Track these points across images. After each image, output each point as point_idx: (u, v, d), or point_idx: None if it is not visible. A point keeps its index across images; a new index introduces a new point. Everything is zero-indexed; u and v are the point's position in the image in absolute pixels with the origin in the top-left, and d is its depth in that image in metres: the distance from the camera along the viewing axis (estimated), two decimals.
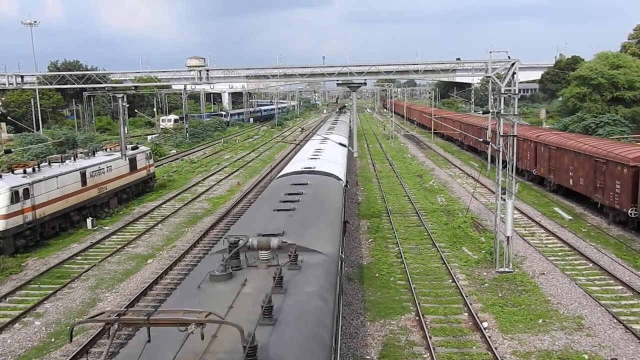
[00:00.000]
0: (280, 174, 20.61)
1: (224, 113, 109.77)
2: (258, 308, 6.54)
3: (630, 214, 23.86)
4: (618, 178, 25.00)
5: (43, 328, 16.54)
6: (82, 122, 79.94)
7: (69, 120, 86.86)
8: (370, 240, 24.88)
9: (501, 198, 20.47)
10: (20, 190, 23.83)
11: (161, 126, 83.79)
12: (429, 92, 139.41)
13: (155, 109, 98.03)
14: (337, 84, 33.17)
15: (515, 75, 19.63)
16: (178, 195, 36.80)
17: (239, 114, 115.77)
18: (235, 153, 61.23)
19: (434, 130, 71.37)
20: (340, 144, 30.68)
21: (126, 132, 42.35)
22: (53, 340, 15.77)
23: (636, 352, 14.01)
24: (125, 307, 17.40)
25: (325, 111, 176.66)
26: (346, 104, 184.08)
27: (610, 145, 27.79)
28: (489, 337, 14.89)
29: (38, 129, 68.82)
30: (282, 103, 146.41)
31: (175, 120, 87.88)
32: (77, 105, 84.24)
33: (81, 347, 14.84)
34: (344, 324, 15.80)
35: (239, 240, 8.46)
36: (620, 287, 18.44)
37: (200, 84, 26.05)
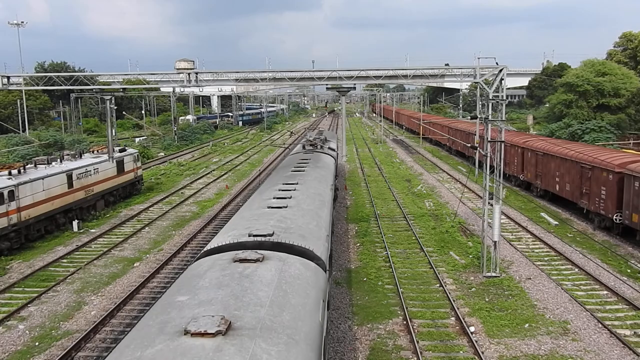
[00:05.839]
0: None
1: (230, 114, 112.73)
2: None
3: (615, 219, 24.14)
4: (603, 184, 25.28)
5: (27, 332, 16.32)
6: (69, 124, 79.28)
7: (55, 122, 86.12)
8: (358, 244, 24.90)
9: (488, 203, 20.60)
10: (5, 192, 23.56)
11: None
12: (418, 97, 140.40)
13: (143, 112, 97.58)
14: (327, 88, 33.22)
15: (502, 81, 19.79)
16: (166, 198, 36.58)
17: (245, 114, 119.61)
18: (224, 156, 61.05)
19: (423, 135, 71.74)
20: None
21: (114, 134, 42.08)
22: (37, 344, 15.56)
23: (620, 356, 14.15)
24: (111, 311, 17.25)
25: (314, 115, 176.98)
26: (335, 108, 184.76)
27: (596, 152, 28.11)
28: (476, 341, 14.95)
29: (24, 131, 68.14)
30: (272, 107, 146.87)
31: (194, 120, 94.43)
32: (64, 106, 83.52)
33: (66, 351, 14.66)
34: (331, 328, 15.79)
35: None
36: (605, 292, 18.62)
37: (189, 87, 25.95)
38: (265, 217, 12.59)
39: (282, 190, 16.36)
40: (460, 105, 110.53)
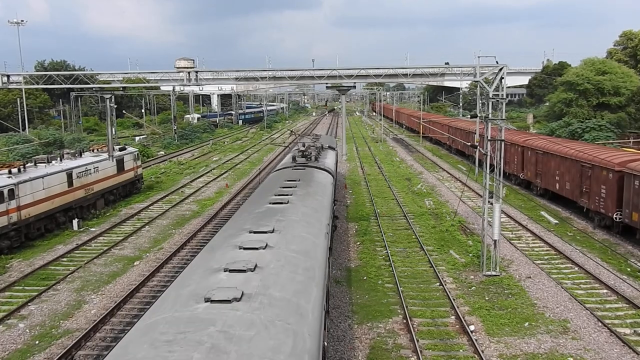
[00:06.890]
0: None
1: (233, 113, 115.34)
2: None
3: (615, 218, 24.14)
4: (603, 183, 25.27)
5: (27, 330, 16.33)
6: (69, 123, 79.31)
7: (55, 121, 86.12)
8: (358, 243, 24.90)
9: (488, 202, 20.59)
10: (5, 191, 23.56)
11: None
12: (418, 96, 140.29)
13: (143, 110, 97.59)
14: (327, 87, 33.24)
15: (503, 80, 19.77)
16: (166, 196, 36.58)
17: (245, 113, 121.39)
18: (224, 155, 61.04)
19: (423, 134, 71.71)
20: None
21: (114, 133, 42.08)
22: (37, 342, 15.57)
23: (620, 355, 14.15)
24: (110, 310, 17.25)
25: (314, 114, 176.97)
26: (335, 107, 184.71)
27: (596, 150, 28.10)
28: (476, 340, 14.95)
29: (24, 129, 68.15)
30: (272, 105, 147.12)
31: (198, 119, 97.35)
32: (64, 105, 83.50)
33: (66, 349, 14.67)
34: (331, 326, 15.80)
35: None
36: (605, 290, 18.63)
37: (189, 86, 25.93)
38: (191, 340, 6.17)
39: (245, 248, 10.01)
40: (461, 104, 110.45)
